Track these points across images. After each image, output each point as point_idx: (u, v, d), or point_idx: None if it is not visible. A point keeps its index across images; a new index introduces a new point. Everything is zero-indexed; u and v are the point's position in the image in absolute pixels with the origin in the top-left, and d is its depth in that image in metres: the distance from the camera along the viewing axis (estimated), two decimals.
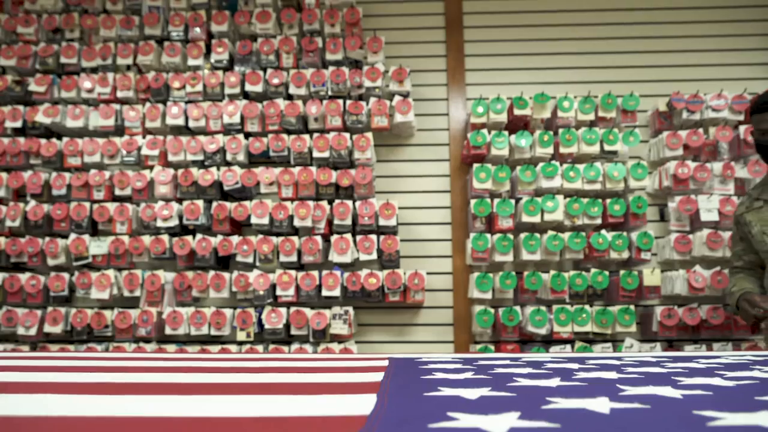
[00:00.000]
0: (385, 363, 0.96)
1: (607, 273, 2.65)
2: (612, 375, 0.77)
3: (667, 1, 3.00)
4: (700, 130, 2.71)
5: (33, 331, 2.69)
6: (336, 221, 2.73)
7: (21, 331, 2.70)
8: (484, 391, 0.61)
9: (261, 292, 2.68)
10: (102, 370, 0.87)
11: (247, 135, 2.86)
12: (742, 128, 2.68)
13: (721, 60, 2.95)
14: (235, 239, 2.72)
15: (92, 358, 1.10)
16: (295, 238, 2.72)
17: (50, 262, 2.75)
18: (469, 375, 0.78)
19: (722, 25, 2.98)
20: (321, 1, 2.95)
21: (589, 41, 2.99)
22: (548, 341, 2.70)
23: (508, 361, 1.01)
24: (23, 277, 2.73)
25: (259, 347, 2.71)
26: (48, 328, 2.70)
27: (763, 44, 2.95)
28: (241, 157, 2.79)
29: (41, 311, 2.73)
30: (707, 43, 2.97)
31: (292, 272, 2.68)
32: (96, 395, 0.62)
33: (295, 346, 2.72)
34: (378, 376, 0.76)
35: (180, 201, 2.80)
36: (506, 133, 2.75)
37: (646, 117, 2.92)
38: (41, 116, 2.83)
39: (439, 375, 0.78)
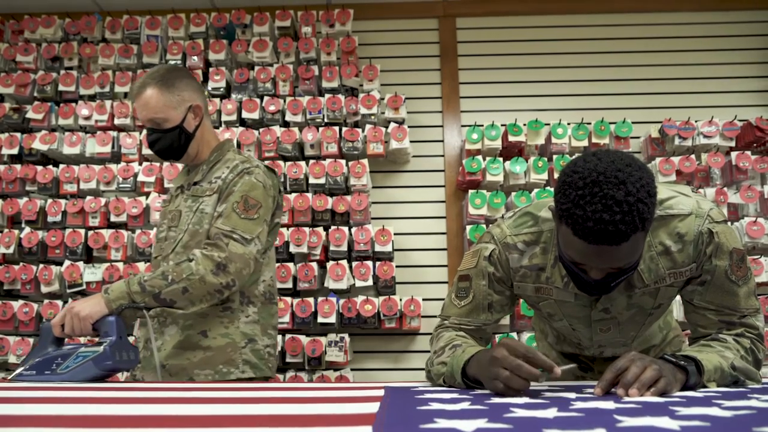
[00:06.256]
0: (381, 393, 0.96)
1: None
2: (609, 405, 0.77)
3: (657, 31, 3.06)
4: (693, 156, 2.74)
5: None
6: (332, 247, 2.73)
7: (12, 359, 2.66)
8: (481, 423, 0.60)
9: None
10: (95, 402, 0.86)
11: None
12: (733, 154, 2.71)
13: (712, 87, 3.00)
14: None
15: (84, 389, 1.08)
16: (290, 265, 2.71)
17: (44, 289, 2.73)
18: (465, 405, 0.77)
19: (712, 53, 3.03)
20: (317, 30, 3.00)
21: (582, 69, 3.04)
22: None
23: None
24: (16, 304, 2.71)
25: None
26: None
27: (752, 72, 3.01)
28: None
29: (33, 339, 2.70)
30: (698, 72, 3.02)
31: (288, 299, 2.67)
32: (90, 428, 0.61)
33: (290, 373, 2.69)
34: (374, 407, 0.76)
35: None
36: (501, 159, 2.77)
37: (638, 143, 2.95)
38: (38, 143, 2.84)
39: (436, 405, 0.77)
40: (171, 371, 1.60)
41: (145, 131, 1.68)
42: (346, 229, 2.74)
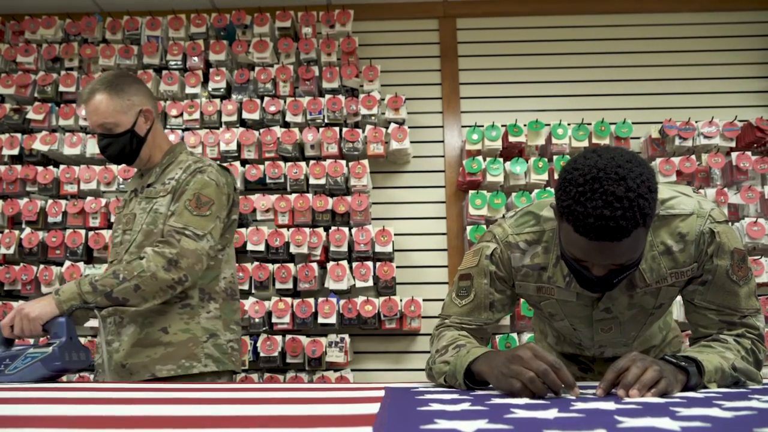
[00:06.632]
0: (381, 393, 0.96)
1: None
2: (610, 405, 0.77)
3: (658, 32, 3.06)
4: (693, 157, 2.74)
5: None
6: (332, 248, 2.73)
7: None
8: (481, 424, 0.60)
9: (256, 320, 2.66)
10: (93, 402, 0.86)
11: (244, 162, 2.87)
12: (734, 155, 2.71)
13: (712, 88, 3.00)
14: None
15: (83, 389, 1.08)
16: (290, 265, 2.71)
17: (44, 289, 2.73)
18: (465, 406, 0.77)
19: (712, 54, 3.03)
20: (318, 31, 3.00)
21: (582, 70, 3.04)
22: None
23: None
24: (16, 305, 2.70)
25: (254, 376, 2.68)
26: None
27: (752, 73, 3.01)
28: (237, 184, 2.80)
29: (32, 340, 2.70)
30: (698, 72, 3.02)
31: (288, 299, 2.67)
32: (87, 430, 0.61)
33: (290, 374, 2.69)
34: (374, 408, 0.76)
35: None
36: (501, 159, 2.77)
37: (639, 144, 2.95)
38: (38, 144, 2.84)
39: (436, 406, 0.77)
40: (131, 370, 1.59)
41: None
42: (346, 229, 2.74)
